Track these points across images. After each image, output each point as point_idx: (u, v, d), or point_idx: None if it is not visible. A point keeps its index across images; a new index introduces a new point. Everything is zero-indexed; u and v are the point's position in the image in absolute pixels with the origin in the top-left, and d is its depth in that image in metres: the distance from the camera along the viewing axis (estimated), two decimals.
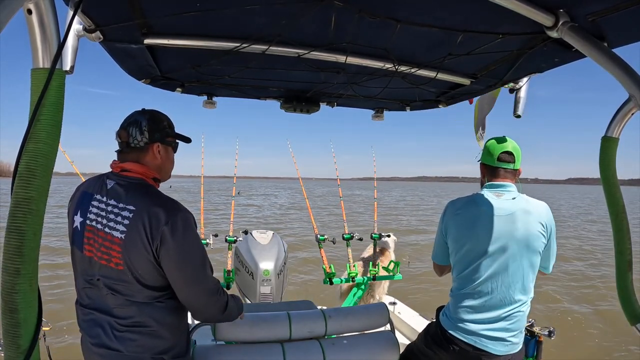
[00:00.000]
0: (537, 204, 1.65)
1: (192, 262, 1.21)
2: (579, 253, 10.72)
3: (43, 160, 0.69)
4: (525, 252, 1.58)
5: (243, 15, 1.26)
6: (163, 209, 1.17)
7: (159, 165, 1.33)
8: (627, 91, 1.04)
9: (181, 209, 1.21)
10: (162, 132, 1.32)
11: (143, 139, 1.28)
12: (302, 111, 2.20)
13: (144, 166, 1.28)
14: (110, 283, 1.19)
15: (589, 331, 5.27)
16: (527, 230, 1.58)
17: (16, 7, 0.59)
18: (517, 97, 1.87)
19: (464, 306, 1.62)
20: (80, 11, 1.11)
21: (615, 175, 1.13)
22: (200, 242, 1.25)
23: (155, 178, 1.32)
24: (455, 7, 1.19)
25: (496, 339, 1.57)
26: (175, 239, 1.16)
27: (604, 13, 1.05)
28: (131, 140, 1.28)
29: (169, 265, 1.18)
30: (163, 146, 1.33)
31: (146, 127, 1.28)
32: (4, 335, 0.73)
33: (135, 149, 1.28)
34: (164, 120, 1.35)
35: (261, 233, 3.53)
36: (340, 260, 5.66)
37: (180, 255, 1.18)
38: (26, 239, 0.69)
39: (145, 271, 1.18)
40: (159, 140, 1.31)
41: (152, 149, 1.30)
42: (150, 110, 1.35)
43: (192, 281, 1.22)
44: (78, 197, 1.30)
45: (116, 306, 1.19)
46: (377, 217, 3.84)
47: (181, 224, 1.17)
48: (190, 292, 1.23)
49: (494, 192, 1.65)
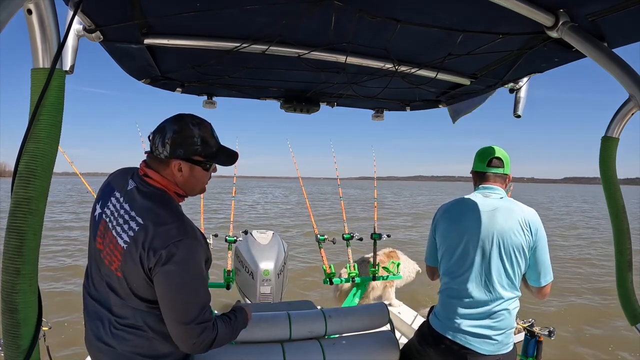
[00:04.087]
0: (524, 207, 1.65)
1: (183, 297, 1.11)
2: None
3: (43, 160, 0.69)
4: (505, 246, 1.60)
5: (243, 15, 1.26)
6: (168, 231, 1.08)
7: (182, 183, 1.20)
8: (627, 91, 1.04)
9: (189, 234, 1.11)
10: (189, 148, 1.16)
11: (164, 151, 1.15)
12: (302, 111, 2.20)
13: (165, 179, 1.18)
14: (110, 283, 1.16)
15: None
16: (507, 223, 1.60)
17: (16, 7, 0.59)
18: (517, 97, 1.88)
19: (450, 303, 1.65)
20: (80, 11, 1.11)
21: (615, 175, 1.13)
22: (201, 275, 1.14)
23: (178, 193, 1.21)
24: (455, 7, 1.19)
25: (481, 336, 1.57)
26: (170, 268, 1.07)
27: (604, 13, 1.05)
28: (154, 149, 1.17)
29: (159, 290, 1.10)
30: (188, 164, 1.18)
31: (169, 139, 1.14)
32: (4, 335, 0.73)
33: (157, 160, 1.18)
34: (196, 135, 1.17)
35: (261, 233, 3.53)
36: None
37: (171, 286, 1.09)
38: (26, 239, 0.69)
39: (140, 285, 1.12)
40: (182, 157, 1.16)
41: (172, 165, 1.17)
42: (185, 118, 1.18)
43: (178, 316, 1.11)
44: (104, 186, 1.24)
45: (114, 305, 1.16)
46: (377, 217, 3.84)
47: (182, 253, 1.08)
48: (173, 326, 1.13)
49: (483, 193, 1.71)
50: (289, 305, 2.42)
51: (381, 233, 3.50)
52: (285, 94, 2.19)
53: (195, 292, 1.13)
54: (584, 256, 10.27)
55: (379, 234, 3.47)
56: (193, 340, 1.13)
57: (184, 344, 1.14)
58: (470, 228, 1.64)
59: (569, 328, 5.31)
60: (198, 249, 1.12)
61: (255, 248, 3.26)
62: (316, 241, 3.36)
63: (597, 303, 6.42)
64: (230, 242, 3.19)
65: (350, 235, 3.42)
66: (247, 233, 3.41)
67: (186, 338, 1.13)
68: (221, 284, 3.02)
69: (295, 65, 1.65)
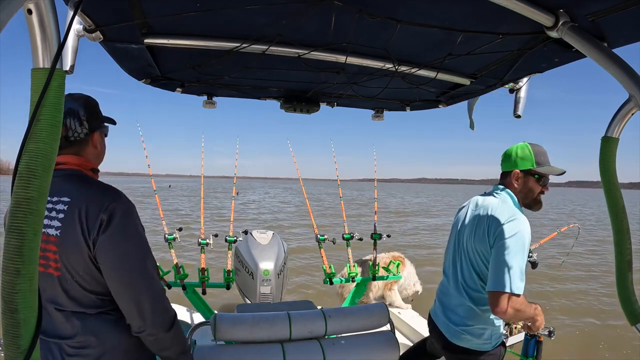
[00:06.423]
0: (500, 208, 1.62)
1: (133, 256, 1.05)
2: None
3: (43, 160, 0.69)
4: (468, 245, 1.69)
5: (243, 15, 1.26)
6: (101, 196, 1.05)
7: (97, 154, 1.22)
8: (627, 91, 1.04)
9: (122, 197, 1.08)
10: (99, 117, 1.22)
11: (83, 129, 1.16)
12: (302, 111, 2.20)
13: (81, 157, 1.16)
14: (52, 296, 1.03)
15: None
16: (477, 223, 1.67)
17: (16, 7, 0.59)
18: (517, 97, 1.88)
19: (437, 296, 1.89)
20: (80, 11, 1.11)
21: (615, 176, 1.12)
22: (144, 236, 1.09)
23: (94, 169, 1.21)
24: (455, 7, 1.19)
25: (454, 331, 1.70)
26: (113, 228, 1.01)
27: (604, 13, 1.05)
28: (70, 134, 1.15)
29: (105, 260, 1.01)
30: (100, 133, 1.23)
31: (85, 116, 1.17)
32: (4, 335, 0.73)
33: (75, 143, 1.16)
34: (96, 105, 1.23)
35: (261, 233, 3.53)
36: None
37: (118, 246, 1.02)
38: (26, 239, 0.68)
39: (86, 272, 1.02)
40: (97, 128, 1.20)
41: (93, 139, 1.19)
42: (82, 95, 1.21)
43: (133, 279, 1.03)
44: None
45: (60, 323, 1.04)
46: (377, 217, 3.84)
47: (121, 212, 1.04)
48: (131, 294, 1.03)
49: (489, 192, 1.80)
50: (289, 305, 2.42)
51: (381, 233, 3.50)
52: (285, 94, 2.19)
53: (147, 251, 1.07)
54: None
55: (379, 234, 3.46)
56: (160, 304, 1.06)
57: (149, 313, 1.04)
58: (458, 227, 1.81)
59: (568, 328, 5.31)
60: (134, 210, 1.08)
61: (255, 248, 3.26)
62: (316, 241, 3.36)
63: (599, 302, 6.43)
64: (230, 242, 3.19)
65: (350, 235, 3.42)
66: (247, 233, 3.41)
67: (150, 303, 1.04)
68: (221, 284, 3.02)
69: (295, 66, 1.65)
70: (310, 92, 2.16)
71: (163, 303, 1.09)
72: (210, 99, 2.20)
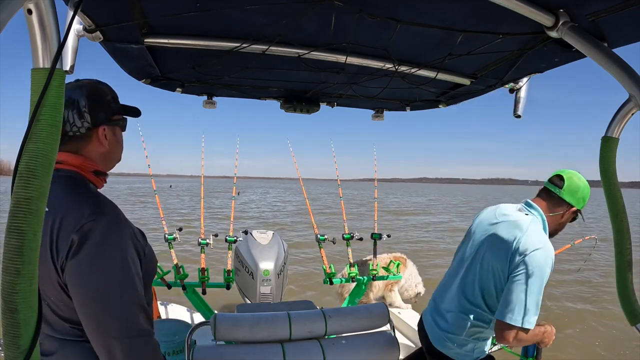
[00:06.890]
0: (534, 235, 1.46)
1: (106, 291, 0.84)
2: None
3: (43, 161, 0.69)
4: (484, 261, 1.56)
5: (243, 15, 1.26)
6: (79, 211, 0.86)
7: (105, 154, 1.03)
8: (627, 91, 1.04)
9: (106, 215, 0.88)
10: (107, 109, 1.02)
11: (84, 123, 0.98)
12: (302, 111, 2.20)
13: (80, 156, 0.99)
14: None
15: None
16: (499, 240, 1.52)
17: (16, 7, 0.59)
18: (517, 97, 1.88)
19: (432, 297, 1.82)
20: (80, 11, 1.11)
21: (615, 176, 1.12)
22: (127, 264, 0.88)
23: (97, 171, 1.02)
24: (455, 7, 1.19)
25: (440, 337, 1.65)
26: (84, 253, 0.83)
27: (604, 13, 1.05)
28: (69, 128, 0.97)
29: (72, 291, 0.84)
30: (110, 128, 1.03)
31: (86, 107, 0.99)
32: (4, 335, 0.73)
33: (75, 138, 0.99)
34: (108, 92, 1.04)
35: (261, 233, 3.53)
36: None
37: (88, 276, 0.84)
38: (26, 239, 0.68)
39: (57, 299, 0.87)
40: (104, 121, 1.01)
41: (97, 135, 1.01)
42: (88, 82, 1.03)
43: (105, 319, 0.84)
44: None
45: (42, 343, 0.89)
46: (377, 217, 3.83)
47: (98, 234, 0.85)
48: (100, 337, 0.84)
49: (517, 205, 1.66)
50: (289, 305, 2.42)
51: (381, 233, 3.49)
52: (285, 94, 2.19)
53: (124, 280, 0.86)
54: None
55: (379, 234, 3.46)
56: (138, 339, 0.86)
57: (121, 355, 0.84)
58: (476, 232, 1.69)
59: (568, 329, 5.31)
60: (123, 230, 0.89)
61: (255, 248, 3.26)
62: (316, 241, 3.36)
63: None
64: (230, 242, 3.19)
65: (350, 235, 3.42)
66: (247, 233, 3.41)
67: (121, 354, 0.83)
68: (221, 284, 3.03)
69: (295, 66, 1.65)
70: (310, 92, 2.16)
71: (141, 352, 0.87)
72: (210, 99, 2.20)
